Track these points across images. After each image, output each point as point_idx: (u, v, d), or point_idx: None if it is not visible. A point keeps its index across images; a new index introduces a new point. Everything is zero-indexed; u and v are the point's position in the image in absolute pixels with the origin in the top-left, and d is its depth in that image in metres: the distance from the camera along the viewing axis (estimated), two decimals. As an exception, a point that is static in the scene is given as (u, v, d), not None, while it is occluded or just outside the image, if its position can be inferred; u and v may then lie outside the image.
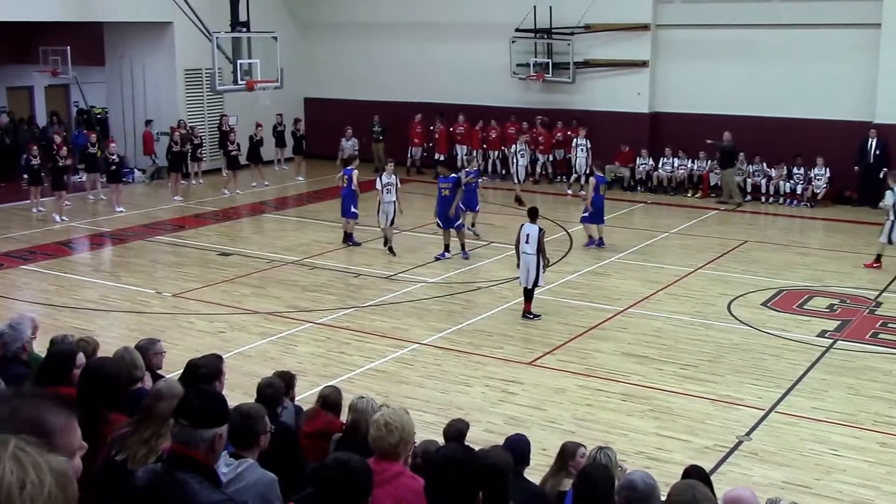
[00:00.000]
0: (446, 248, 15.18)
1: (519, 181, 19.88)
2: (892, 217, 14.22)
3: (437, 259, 15.06)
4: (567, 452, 5.55)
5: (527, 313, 12.04)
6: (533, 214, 12.18)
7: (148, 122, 22.78)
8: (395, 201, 15.34)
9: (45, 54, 23.15)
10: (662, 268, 14.64)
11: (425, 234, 16.67)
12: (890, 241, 14.32)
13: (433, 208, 15.50)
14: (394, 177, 15.61)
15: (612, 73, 22.00)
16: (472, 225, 16.62)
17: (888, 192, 14.50)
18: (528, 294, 12.02)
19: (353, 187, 15.77)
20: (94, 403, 4.15)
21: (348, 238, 16.14)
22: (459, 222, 15.22)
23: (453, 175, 15.60)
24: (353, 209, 15.85)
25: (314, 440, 5.67)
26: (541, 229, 11.96)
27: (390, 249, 15.37)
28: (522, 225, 12.14)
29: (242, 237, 17.52)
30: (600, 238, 15.91)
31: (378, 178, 15.77)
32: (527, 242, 11.85)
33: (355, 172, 15.92)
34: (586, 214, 15.99)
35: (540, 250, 11.80)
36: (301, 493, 4.27)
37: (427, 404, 9.09)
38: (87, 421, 2.49)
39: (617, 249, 15.83)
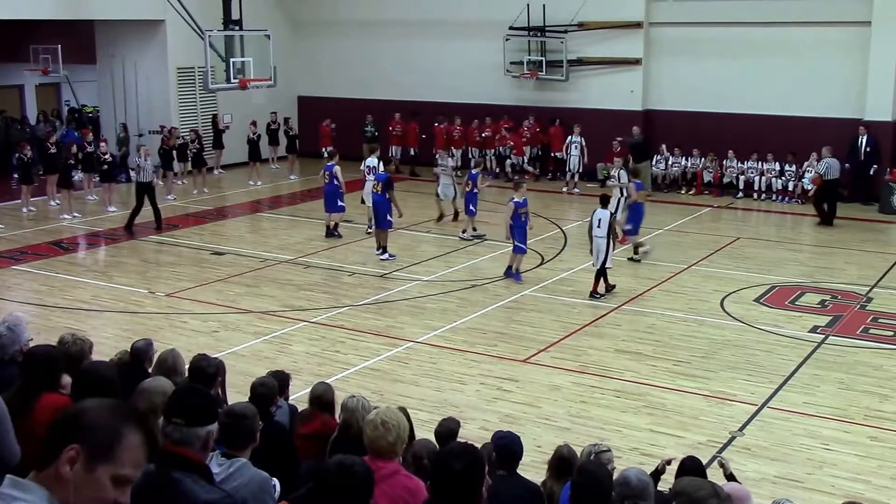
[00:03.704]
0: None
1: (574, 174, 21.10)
2: (621, 196, 15.69)
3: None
4: (567, 458, 5.48)
5: (594, 293, 12.64)
6: (605, 200, 12.87)
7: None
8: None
9: (36, 53, 22.99)
10: (656, 265, 14.67)
11: (420, 233, 16.69)
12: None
13: (425, 206, 15.48)
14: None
15: (606, 71, 22.03)
16: (474, 229, 16.16)
17: (621, 172, 16.16)
18: (600, 274, 12.65)
19: (335, 182, 16.27)
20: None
21: (331, 231, 16.46)
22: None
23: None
24: (339, 203, 16.39)
25: (311, 441, 5.65)
26: (612, 214, 12.75)
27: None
28: (594, 210, 12.76)
29: (236, 236, 17.48)
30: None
31: (363, 163, 16.74)
32: (598, 227, 12.54)
33: (336, 168, 16.31)
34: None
35: (611, 233, 12.54)
36: (295, 493, 4.28)
37: (422, 402, 9.09)
38: None
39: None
